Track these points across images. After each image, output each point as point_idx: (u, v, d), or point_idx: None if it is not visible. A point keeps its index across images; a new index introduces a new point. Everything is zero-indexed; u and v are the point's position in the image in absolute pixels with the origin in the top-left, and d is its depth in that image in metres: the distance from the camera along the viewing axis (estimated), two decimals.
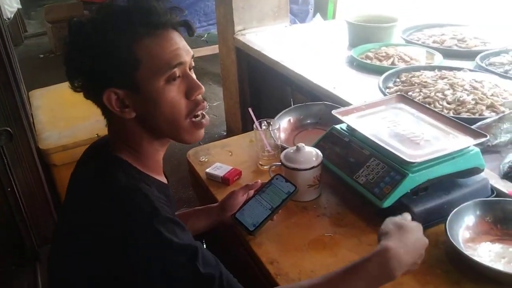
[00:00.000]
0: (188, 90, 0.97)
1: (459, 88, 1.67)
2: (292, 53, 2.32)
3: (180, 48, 0.95)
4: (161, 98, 0.94)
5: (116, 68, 0.91)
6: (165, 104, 0.95)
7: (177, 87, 0.96)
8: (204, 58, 4.74)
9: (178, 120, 0.97)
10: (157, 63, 0.92)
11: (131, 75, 0.92)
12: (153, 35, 0.92)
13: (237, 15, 2.65)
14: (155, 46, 0.92)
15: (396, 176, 1.12)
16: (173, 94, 0.95)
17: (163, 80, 0.93)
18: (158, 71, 0.92)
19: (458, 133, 1.20)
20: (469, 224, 1.11)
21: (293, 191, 1.18)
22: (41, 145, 2.35)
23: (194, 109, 0.98)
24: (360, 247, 1.13)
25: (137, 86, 0.93)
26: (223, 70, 3.07)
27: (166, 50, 0.93)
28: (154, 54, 0.92)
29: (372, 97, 1.70)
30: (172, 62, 0.93)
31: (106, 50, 0.90)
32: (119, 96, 0.94)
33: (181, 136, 1.01)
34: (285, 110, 1.64)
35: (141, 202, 0.88)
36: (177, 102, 0.96)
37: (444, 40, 2.29)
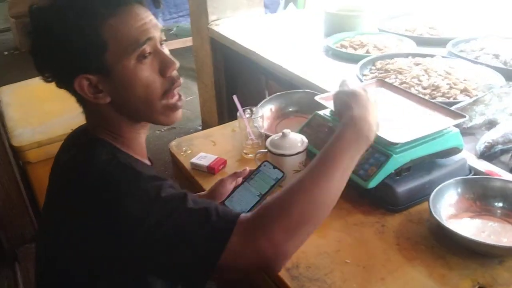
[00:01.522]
0: (161, 67, 0.93)
1: (433, 74, 1.72)
2: (268, 43, 2.33)
3: (147, 23, 0.91)
4: (134, 79, 0.90)
5: (83, 53, 0.88)
6: (139, 85, 0.91)
7: (150, 66, 0.92)
8: (174, 52, 4.61)
9: (153, 101, 0.93)
10: (124, 42, 0.88)
11: (99, 59, 0.88)
12: (116, 13, 0.88)
13: (211, 4, 2.64)
14: (120, 25, 0.88)
15: (381, 157, 1.16)
16: (146, 73, 0.91)
17: (133, 59, 0.89)
18: (127, 50, 0.88)
19: (438, 115, 1.24)
20: (451, 201, 1.15)
21: (281, 177, 1.19)
22: (14, 142, 2.30)
23: (170, 87, 0.95)
24: (347, 227, 1.16)
25: (108, 69, 0.89)
26: (197, 63, 3.06)
27: (132, 27, 0.89)
28: (120, 33, 0.88)
29: None
30: (141, 39, 0.89)
31: (70, 36, 0.86)
32: (91, 82, 0.90)
33: (157, 118, 0.97)
34: (266, 99, 1.66)
35: (123, 171, 0.87)
36: (151, 81, 0.92)
37: (416, 28, 2.34)
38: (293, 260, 1.06)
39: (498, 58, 1.88)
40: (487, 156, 1.32)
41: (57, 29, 0.87)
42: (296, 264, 1.06)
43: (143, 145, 1.05)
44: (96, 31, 0.87)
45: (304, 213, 0.84)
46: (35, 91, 2.87)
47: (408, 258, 1.05)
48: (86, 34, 0.86)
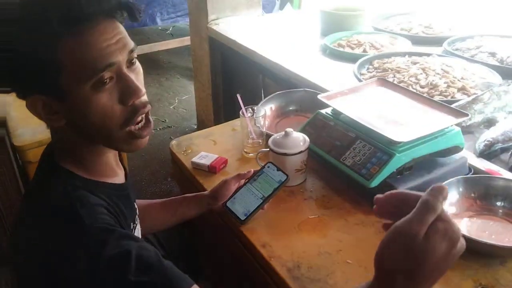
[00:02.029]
0: (122, 96, 0.83)
1: (431, 73, 1.74)
2: (266, 42, 2.33)
3: (111, 45, 0.81)
4: (89, 107, 0.81)
5: (36, 73, 0.79)
6: (95, 113, 0.82)
7: (109, 93, 0.82)
8: (170, 51, 4.71)
9: (111, 130, 0.85)
10: (80, 67, 0.78)
11: (53, 81, 0.79)
12: (76, 33, 0.77)
13: (211, 4, 2.64)
14: (78, 47, 0.78)
15: (383, 156, 1.17)
16: (103, 101, 0.82)
17: (88, 86, 0.80)
18: (82, 76, 0.79)
19: (439, 113, 1.25)
20: (452, 200, 1.16)
21: (284, 180, 1.19)
22: (15, 142, 2.29)
23: (132, 117, 0.86)
24: (347, 227, 1.17)
25: (62, 93, 0.80)
26: (195, 62, 3.06)
27: (92, 50, 0.79)
28: (77, 57, 0.78)
29: (348, 83, 1.74)
30: (99, 65, 0.79)
31: (23, 56, 0.77)
32: (45, 102, 0.82)
33: (118, 146, 0.91)
34: (267, 98, 1.66)
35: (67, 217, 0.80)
36: (108, 109, 0.83)
37: (411, 28, 2.36)
38: (294, 260, 1.07)
39: (495, 57, 1.89)
40: (486, 155, 1.34)
41: (12, 48, 0.77)
42: (298, 265, 1.06)
43: (110, 164, 0.97)
44: (50, 52, 0.77)
45: None
46: None
47: None
48: (40, 55, 0.77)
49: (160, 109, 3.98)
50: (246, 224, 1.18)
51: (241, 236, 1.18)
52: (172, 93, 4.25)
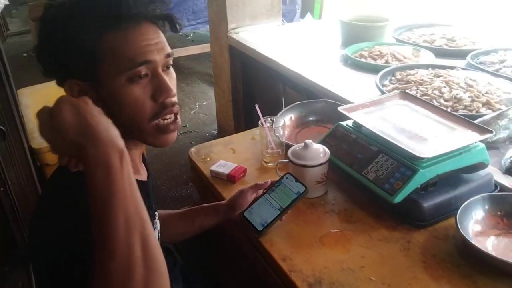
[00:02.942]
0: (155, 92, 0.90)
1: (455, 86, 1.71)
2: (287, 52, 2.32)
3: (151, 45, 0.88)
4: (123, 97, 0.87)
5: (77, 60, 0.86)
6: (127, 104, 0.88)
7: (143, 87, 0.88)
8: (191, 57, 4.73)
9: (140, 122, 0.90)
10: (120, 60, 0.86)
11: (92, 69, 0.86)
12: (120, 29, 0.85)
13: (230, 13, 2.64)
14: (121, 41, 0.85)
15: (407, 171, 1.14)
16: (136, 94, 0.88)
17: (124, 78, 0.86)
18: (120, 68, 0.86)
19: (463, 129, 1.23)
20: (478, 218, 1.13)
21: (303, 191, 1.17)
22: (33, 144, 2.31)
23: (161, 112, 0.91)
24: (370, 243, 1.14)
25: (99, 81, 0.87)
26: (215, 69, 3.06)
27: (132, 46, 0.86)
28: (118, 50, 0.85)
29: (370, 94, 1.72)
30: (137, 60, 0.86)
31: (67, 40, 0.84)
32: (81, 88, 0.88)
33: (144, 138, 0.94)
34: (287, 107, 1.65)
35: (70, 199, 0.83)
36: (140, 103, 0.88)
37: (434, 40, 2.33)
38: (315, 276, 1.05)
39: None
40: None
41: (58, 31, 0.86)
42: (319, 280, 1.04)
43: (135, 161, 1.00)
44: (93, 42, 0.85)
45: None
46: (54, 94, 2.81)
47: (435, 276, 1.03)
48: (84, 43, 0.84)
49: (181, 114, 3.97)
50: (263, 235, 1.16)
51: (260, 248, 1.16)
52: (193, 98, 4.26)
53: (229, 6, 2.61)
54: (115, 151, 0.70)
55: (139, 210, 0.70)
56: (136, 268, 0.66)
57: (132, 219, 0.69)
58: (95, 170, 0.68)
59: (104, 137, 0.70)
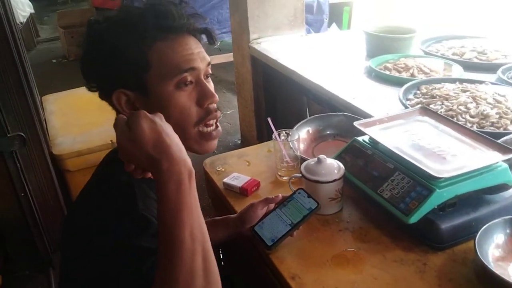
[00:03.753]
0: (199, 98, 0.95)
1: (482, 102, 1.64)
2: (309, 63, 2.30)
3: (194, 54, 0.94)
4: (170, 103, 0.92)
5: (125, 70, 0.91)
6: (174, 110, 0.93)
7: (188, 94, 0.94)
8: (217, 66, 4.75)
9: (186, 128, 0.95)
10: (167, 67, 0.91)
11: (140, 78, 0.91)
12: (167, 39, 0.92)
13: (252, 23, 2.64)
14: (167, 50, 0.91)
15: (423, 191, 1.09)
16: (183, 100, 0.93)
17: (172, 85, 0.92)
18: (167, 75, 0.91)
19: (485, 148, 1.17)
20: (499, 242, 1.07)
21: (315, 207, 1.14)
22: (54, 151, 2.34)
23: (205, 117, 0.96)
24: (384, 264, 1.09)
25: (146, 89, 0.92)
26: (238, 78, 3.06)
27: (178, 54, 0.92)
28: (165, 58, 0.91)
29: (392, 109, 1.68)
30: (183, 67, 0.92)
31: (116, 51, 0.90)
32: (129, 98, 0.93)
33: (189, 145, 0.97)
34: (304, 120, 1.61)
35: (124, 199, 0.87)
36: (186, 108, 0.94)
37: (464, 52, 2.25)
38: None
39: None
40: None
41: (107, 42, 0.91)
42: None
43: None
44: (142, 51, 0.90)
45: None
46: (78, 101, 2.92)
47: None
48: (132, 52, 0.90)
49: None
50: (273, 250, 1.13)
51: (270, 264, 1.13)
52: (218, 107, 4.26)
53: (251, 16, 2.60)
54: (186, 169, 0.78)
55: (202, 225, 0.78)
56: (197, 278, 0.73)
57: (196, 231, 0.76)
58: (168, 183, 0.76)
59: (177, 155, 0.78)
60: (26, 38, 5.92)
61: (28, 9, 6.03)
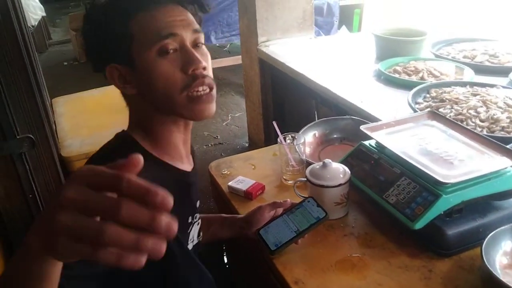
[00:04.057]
0: (184, 64, 0.94)
1: (492, 106, 1.61)
2: (317, 66, 2.28)
3: (176, 21, 0.94)
4: (153, 71, 0.93)
5: (112, 44, 0.94)
6: (158, 78, 0.93)
7: (172, 61, 0.93)
8: (226, 69, 4.75)
9: (172, 95, 0.94)
10: (147, 35, 0.92)
11: (125, 50, 0.93)
12: (149, 9, 0.93)
13: (261, 26, 2.63)
14: (148, 19, 0.93)
15: (429, 196, 1.07)
16: (165, 67, 0.93)
17: (154, 52, 0.92)
18: (148, 43, 0.92)
19: (493, 153, 1.15)
20: (507, 249, 1.05)
21: (322, 217, 1.13)
22: (63, 153, 2.35)
23: (191, 83, 0.95)
24: (389, 270, 1.07)
25: (133, 61, 0.94)
26: (246, 81, 3.05)
27: (158, 22, 0.93)
28: (146, 26, 0.93)
29: (401, 112, 1.66)
30: (163, 33, 0.92)
31: (103, 26, 0.94)
32: (121, 72, 0.96)
33: (179, 111, 0.97)
34: (310, 124, 1.60)
35: None
36: (170, 75, 0.93)
37: (475, 55, 2.22)
38: None
39: None
40: None
41: (95, 20, 0.96)
42: None
43: (178, 148, 1.04)
44: (125, 23, 0.93)
45: None
46: (87, 103, 2.94)
47: None
48: (116, 26, 0.93)
49: (212, 125, 3.99)
50: (276, 255, 1.12)
51: (274, 268, 1.12)
52: (226, 109, 4.26)
53: (260, 19, 2.59)
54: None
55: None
56: None
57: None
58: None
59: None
60: (38, 41, 5.98)
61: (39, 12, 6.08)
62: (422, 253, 1.11)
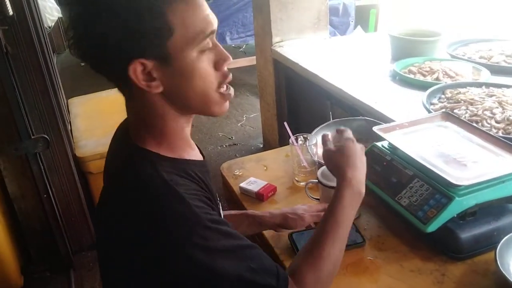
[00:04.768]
0: (217, 61, 0.89)
1: (508, 107, 1.59)
2: (331, 66, 2.26)
3: (209, 14, 0.87)
4: (194, 70, 0.86)
5: (145, 36, 0.80)
6: (198, 77, 0.87)
7: (208, 58, 0.88)
8: (241, 69, 4.74)
9: (209, 93, 0.90)
10: (191, 32, 0.83)
11: (162, 45, 0.82)
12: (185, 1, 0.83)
13: (275, 26, 2.62)
14: (189, 12, 0.83)
15: (442, 199, 1.06)
16: (204, 66, 0.87)
17: (196, 50, 0.85)
18: (192, 41, 0.83)
19: (509, 155, 1.12)
20: None
21: (359, 242, 1.14)
22: (78, 153, 2.37)
23: (223, 81, 0.91)
24: (402, 273, 1.06)
25: (168, 57, 0.83)
26: (261, 82, 3.04)
27: (199, 17, 0.84)
28: (188, 21, 0.82)
29: (416, 113, 1.63)
30: (206, 30, 0.85)
31: (135, 15, 0.78)
32: (145, 68, 0.83)
33: (211, 109, 0.93)
34: (323, 124, 1.59)
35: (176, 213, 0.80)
36: (208, 73, 0.88)
37: (492, 56, 2.19)
38: None
39: None
40: None
41: (121, 6, 0.78)
42: None
43: (187, 139, 0.99)
44: (165, 15, 0.80)
45: (330, 270, 0.94)
46: (102, 104, 2.96)
47: None
48: (154, 16, 0.79)
49: (227, 126, 3.99)
50: None
51: None
52: (241, 110, 4.26)
53: (274, 20, 2.58)
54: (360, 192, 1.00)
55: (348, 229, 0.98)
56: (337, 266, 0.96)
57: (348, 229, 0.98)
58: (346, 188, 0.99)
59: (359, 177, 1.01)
60: (56, 42, 6.03)
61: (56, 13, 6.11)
62: (435, 256, 1.10)
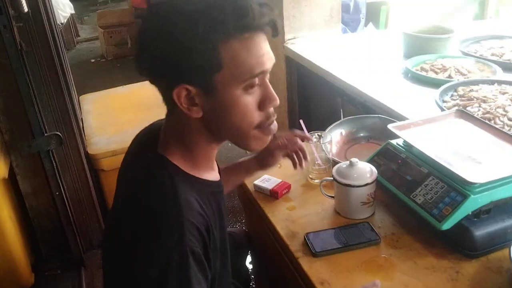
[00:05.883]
0: (262, 101, 0.91)
1: None
2: (344, 63, 2.26)
3: (265, 55, 0.88)
4: (235, 106, 0.88)
5: (195, 67, 0.84)
6: (237, 113, 0.89)
7: (253, 96, 0.89)
8: None
9: (246, 130, 0.92)
10: (240, 69, 0.85)
11: (209, 77, 0.85)
12: (242, 38, 0.84)
13: (288, 23, 2.61)
14: (242, 51, 0.85)
15: (457, 197, 1.06)
16: (247, 103, 0.88)
17: (241, 88, 0.87)
18: (238, 78, 0.86)
19: None
20: None
21: (374, 239, 1.15)
22: (90, 150, 2.38)
23: (265, 122, 0.93)
24: (416, 271, 1.06)
25: (213, 89, 0.86)
26: (272, 78, 3.00)
27: (251, 56, 0.85)
28: (239, 60, 0.84)
29: (428, 111, 1.64)
30: (255, 71, 0.86)
31: (190, 45, 0.81)
32: (189, 93, 0.87)
33: (247, 144, 0.96)
34: (337, 122, 1.59)
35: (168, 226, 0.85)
36: (249, 112, 0.89)
37: (504, 53, 2.18)
38: None
39: None
40: None
41: (179, 33, 0.82)
42: None
43: (211, 160, 1.03)
44: (217, 50, 0.83)
45: None
46: (114, 101, 2.98)
47: None
48: (207, 50, 0.82)
49: None
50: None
51: (299, 269, 1.12)
52: None
53: (287, 17, 2.57)
54: None
55: None
56: None
57: None
58: None
59: None
60: (67, 38, 6.06)
61: (68, 9, 6.15)
62: (450, 254, 1.10)
